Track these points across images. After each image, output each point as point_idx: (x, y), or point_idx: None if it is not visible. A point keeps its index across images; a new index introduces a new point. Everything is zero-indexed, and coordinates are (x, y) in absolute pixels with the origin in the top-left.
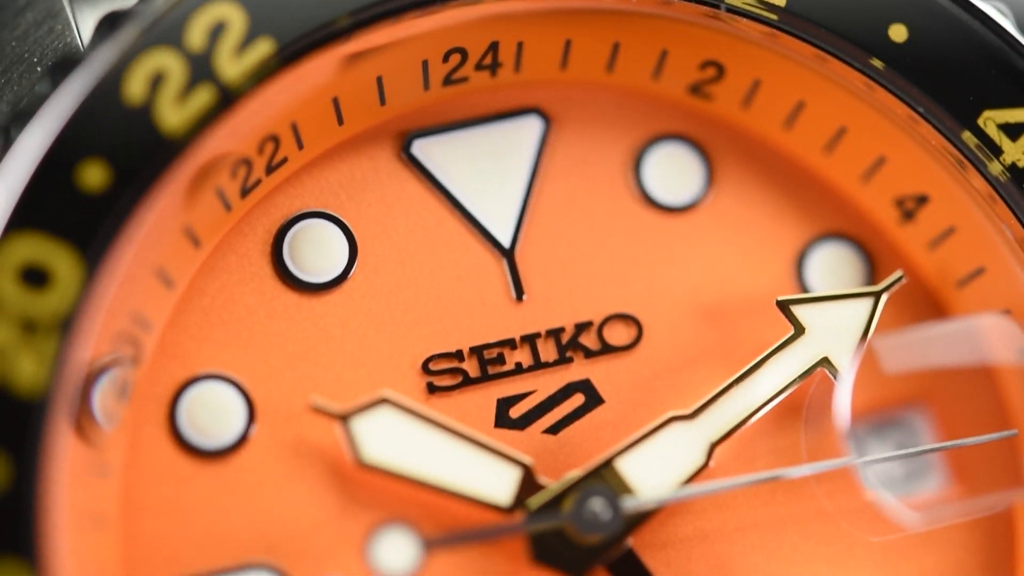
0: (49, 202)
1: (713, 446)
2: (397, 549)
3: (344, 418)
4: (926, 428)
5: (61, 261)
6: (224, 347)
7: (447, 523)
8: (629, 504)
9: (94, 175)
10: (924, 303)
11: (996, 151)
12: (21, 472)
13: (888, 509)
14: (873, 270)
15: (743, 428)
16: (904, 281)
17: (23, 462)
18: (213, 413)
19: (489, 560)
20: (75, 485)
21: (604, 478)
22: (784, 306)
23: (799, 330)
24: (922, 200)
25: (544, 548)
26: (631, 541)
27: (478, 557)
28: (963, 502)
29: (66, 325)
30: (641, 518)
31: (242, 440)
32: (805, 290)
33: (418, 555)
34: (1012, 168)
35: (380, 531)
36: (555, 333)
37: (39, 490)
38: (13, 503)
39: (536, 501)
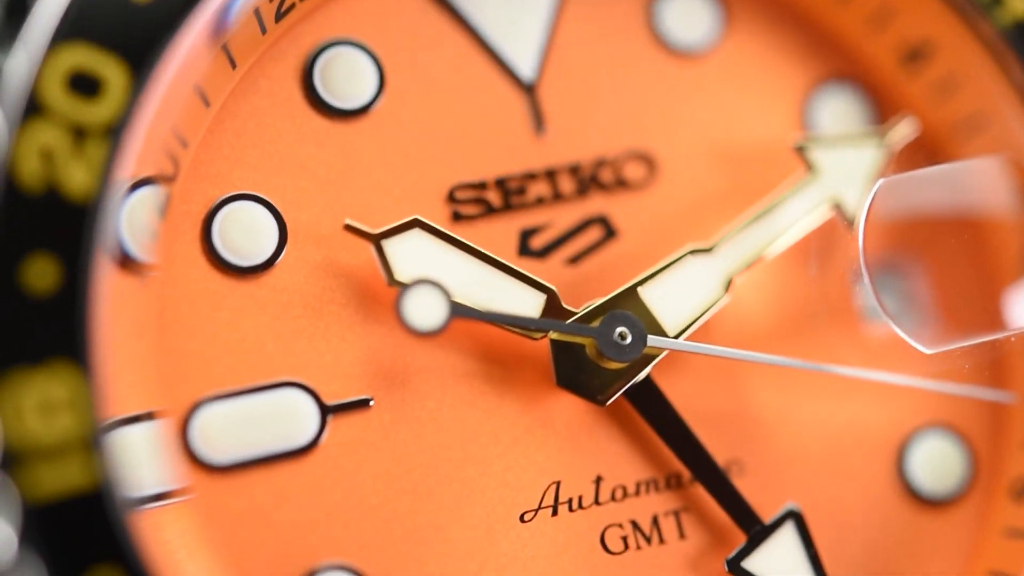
0: (98, 14)
1: (731, 279)
2: (427, 306)
3: (377, 239)
4: (923, 272)
5: (110, 71)
6: (256, 169)
7: (473, 345)
8: (652, 332)
9: None
10: (928, 151)
11: None
12: (71, 276)
13: (891, 341)
14: (880, 117)
15: (758, 264)
16: (912, 126)
17: (73, 266)
18: (246, 232)
19: (513, 386)
20: (117, 296)
21: (627, 306)
22: (798, 148)
23: (813, 171)
24: (929, 48)
25: (567, 373)
26: (650, 370)
27: (502, 383)
28: (962, 336)
29: (115, 133)
30: (661, 349)
31: (274, 260)
32: (814, 134)
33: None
34: (1019, 18)
35: (413, 287)
36: (574, 167)
37: (89, 295)
38: (63, 307)
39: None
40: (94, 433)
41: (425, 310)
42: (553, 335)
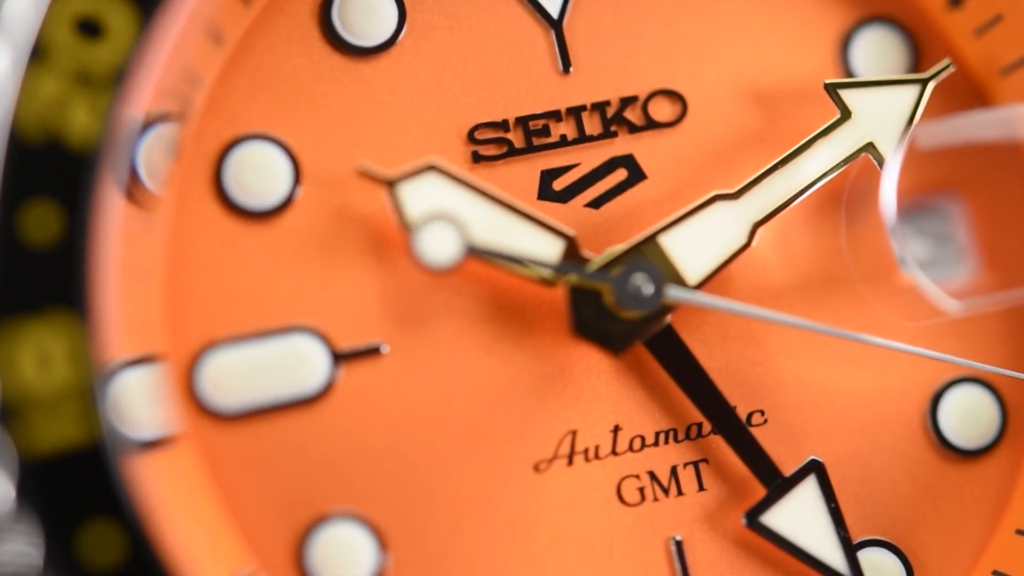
0: None
1: (756, 226)
2: (441, 241)
3: (391, 183)
4: (966, 214)
5: (116, 13)
6: (271, 108)
7: (489, 293)
8: (672, 280)
9: None
10: (968, 92)
11: None
12: (72, 225)
13: (925, 293)
14: (918, 57)
15: (786, 210)
16: (951, 69)
17: (74, 215)
18: (259, 173)
19: (530, 334)
20: (123, 240)
21: (647, 254)
22: (831, 89)
23: (845, 114)
24: None
25: (584, 322)
26: (670, 318)
27: (518, 330)
28: (997, 291)
29: (120, 78)
30: (685, 291)
31: (287, 202)
32: (850, 75)
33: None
34: None
35: (428, 222)
36: (600, 107)
37: (89, 244)
38: (64, 256)
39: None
40: (92, 385)
41: (439, 245)
42: (569, 281)
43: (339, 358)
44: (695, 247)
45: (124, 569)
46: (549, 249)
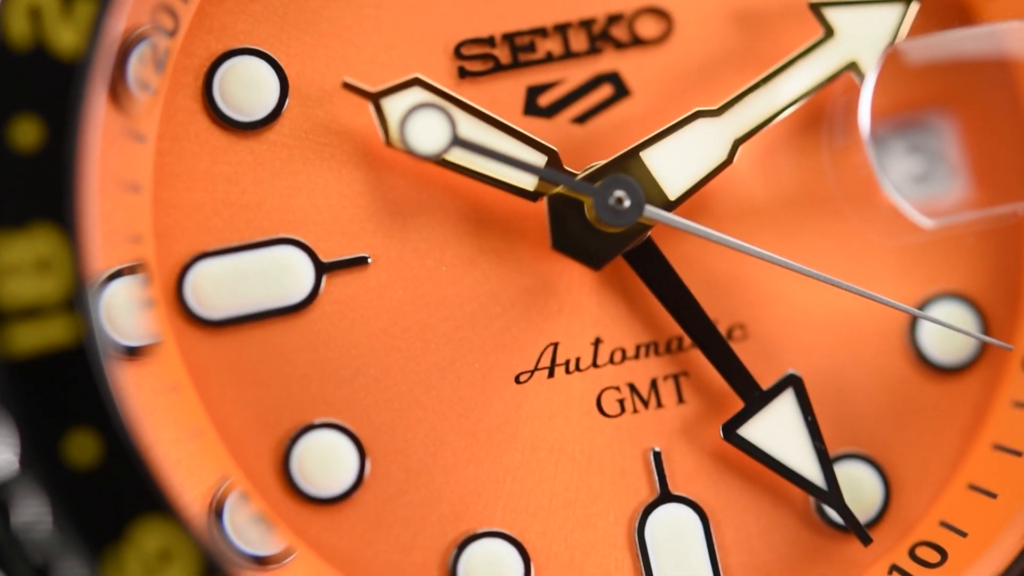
0: None
1: (737, 143)
2: (429, 128)
3: (375, 97)
4: (948, 132)
5: None
6: (259, 22)
7: (472, 208)
8: (653, 197)
9: None
10: (953, 11)
11: None
12: (56, 136)
13: (905, 211)
14: None
15: (768, 127)
16: None
17: (58, 126)
18: (247, 87)
19: (512, 247)
20: (109, 151)
21: (628, 169)
22: (816, 8)
23: (829, 32)
24: None
25: (564, 236)
26: (651, 232)
27: (501, 243)
28: (978, 209)
29: None
30: (662, 211)
31: (274, 116)
32: None
33: (447, 143)
34: None
35: (415, 110)
36: (586, 23)
37: (74, 154)
38: (47, 167)
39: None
40: (76, 295)
41: (428, 132)
42: (550, 193)
43: (323, 269)
44: (676, 163)
45: (105, 471)
46: (532, 164)
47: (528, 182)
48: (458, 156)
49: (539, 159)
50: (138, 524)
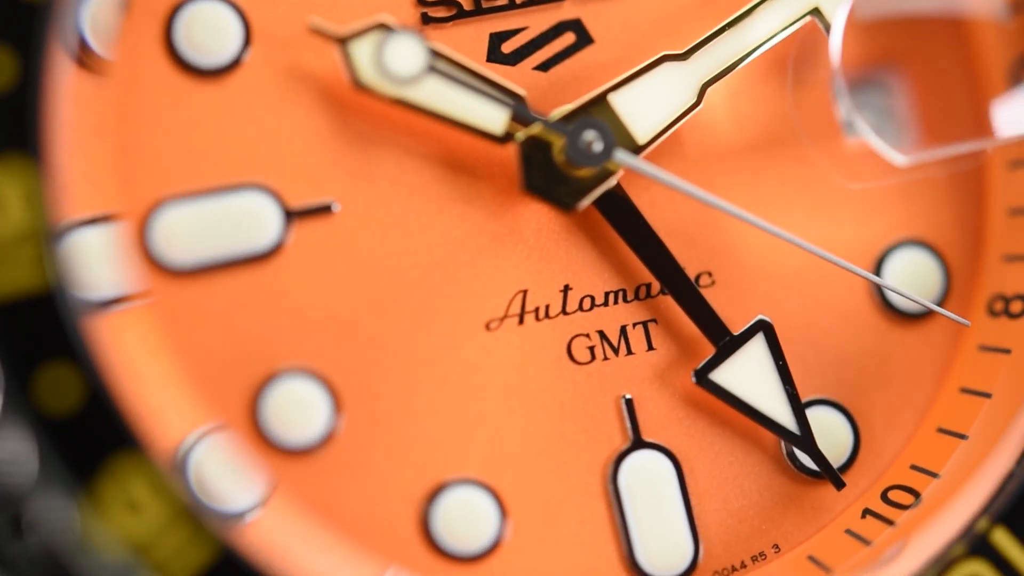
0: None
1: (704, 86)
2: (404, 55)
3: (342, 41)
4: (903, 81)
5: None
6: None
7: (440, 151)
8: (622, 141)
9: None
10: None
11: None
12: (27, 71)
13: (876, 148)
14: None
15: (734, 72)
16: None
17: (29, 62)
18: (210, 31)
19: (480, 193)
20: (74, 97)
21: (597, 112)
22: None
23: None
24: None
25: (534, 178)
26: (619, 178)
27: (469, 190)
28: (948, 144)
29: None
30: (632, 156)
31: (238, 61)
32: None
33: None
34: None
35: (390, 37)
36: None
37: (44, 90)
38: (18, 101)
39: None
40: (48, 230)
41: (403, 57)
42: (520, 136)
43: (291, 215)
44: (645, 106)
45: (81, 415)
46: (500, 110)
47: (497, 125)
48: (427, 96)
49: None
50: (115, 464)
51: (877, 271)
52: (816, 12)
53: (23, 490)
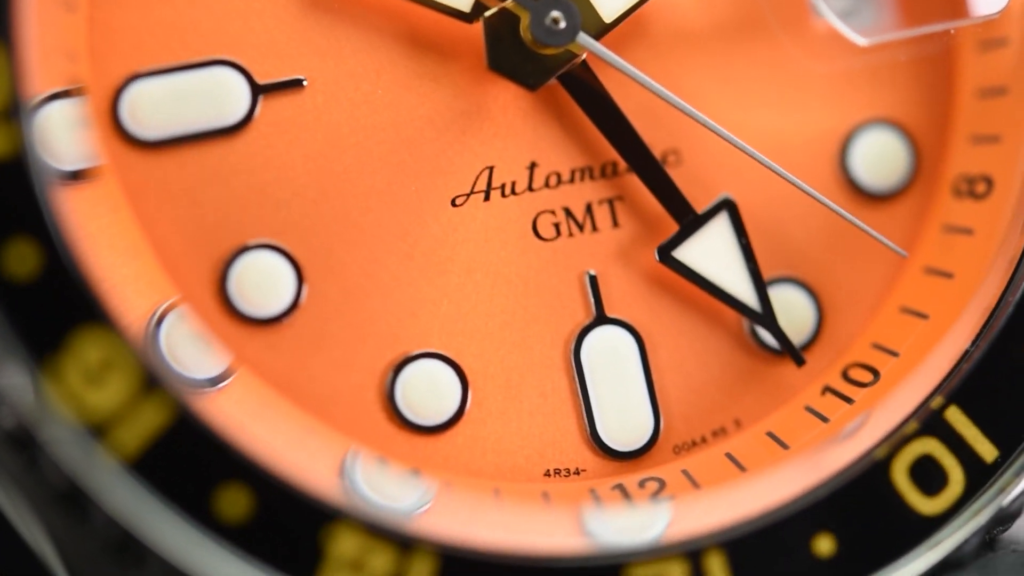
0: None
1: None
2: None
3: None
4: None
5: None
6: None
7: (408, 31)
8: (588, 19)
9: None
10: None
11: None
12: None
13: (840, 30)
14: None
15: None
16: None
17: None
18: None
19: (448, 70)
20: None
21: None
22: None
23: None
24: None
25: (499, 56)
26: (587, 57)
27: (437, 67)
28: (912, 26)
29: None
30: (599, 33)
31: None
32: None
33: None
34: None
35: None
36: None
37: None
38: None
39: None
40: (14, 104)
41: None
42: (487, 14)
43: (259, 91)
44: None
45: (45, 281)
46: None
47: (464, 2)
48: None
49: None
50: (78, 334)
51: (844, 150)
52: None
53: None
